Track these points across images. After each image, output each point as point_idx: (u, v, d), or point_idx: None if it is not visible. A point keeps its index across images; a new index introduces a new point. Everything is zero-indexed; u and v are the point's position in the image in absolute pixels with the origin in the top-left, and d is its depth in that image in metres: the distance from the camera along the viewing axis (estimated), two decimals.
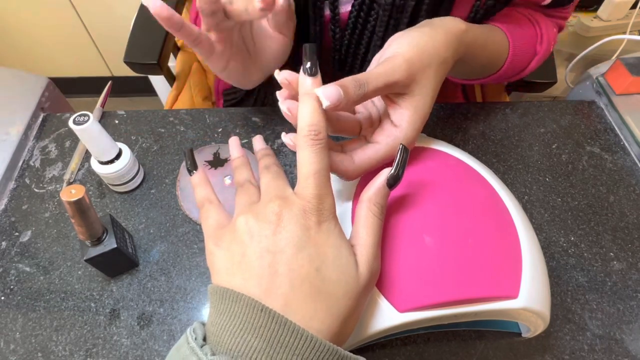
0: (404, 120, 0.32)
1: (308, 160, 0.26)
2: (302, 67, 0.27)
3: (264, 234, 0.25)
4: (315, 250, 0.24)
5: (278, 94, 0.31)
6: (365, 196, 0.28)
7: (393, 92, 0.31)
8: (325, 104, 0.26)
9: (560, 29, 0.52)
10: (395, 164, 0.28)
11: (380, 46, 0.36)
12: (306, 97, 0.27)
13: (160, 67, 0.65)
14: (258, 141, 0.36)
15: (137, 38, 0.67)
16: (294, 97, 0.30)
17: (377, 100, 0.36)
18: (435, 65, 0.32)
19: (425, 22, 0.35)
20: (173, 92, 0.73)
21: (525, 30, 0.46)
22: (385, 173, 0.28)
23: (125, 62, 0.64)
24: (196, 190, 0.32)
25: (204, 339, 0.24)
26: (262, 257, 0.24)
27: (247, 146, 0.49)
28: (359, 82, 0.28)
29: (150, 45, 0.65)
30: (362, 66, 0.49)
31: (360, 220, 0.28)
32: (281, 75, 0.30)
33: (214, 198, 0.31)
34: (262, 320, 0.22)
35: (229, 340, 0.22)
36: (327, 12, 0.44)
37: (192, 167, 0.32)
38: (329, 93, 0.26)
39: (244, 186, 0.31)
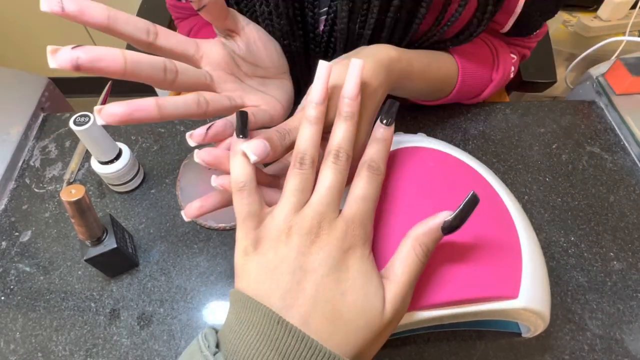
0: None
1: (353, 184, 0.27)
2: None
3: (301, 251, 0.24)
4: (345, 274, 0.24)
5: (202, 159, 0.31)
6: (414, 233, 0.26)
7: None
8: (253, 158, 0.26)
9: (524, 57, 0.52)
10: (457, 211, 0.25)
11: None
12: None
13: None
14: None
15: None
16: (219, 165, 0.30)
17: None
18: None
19: (358, 50, 0.35)
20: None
21: (480, 56, 0.45)
22: (443, 216, 0.26)
23: None
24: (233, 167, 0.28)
25: (217, 346, 0.24)
26: (294, 274, 0.24)
27: None
28: (282, 131, 0.29)
29: None
30: None
31: (400, 255, 0.26)
32: (202, 157, 0.30)
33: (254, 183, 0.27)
34: (279, 333, 0.22)
35: (245, 351, 0.22)
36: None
37: (241, 133, 0.28)
38: (255, 147, 0.26)
39: (304, 162, 0.26)
